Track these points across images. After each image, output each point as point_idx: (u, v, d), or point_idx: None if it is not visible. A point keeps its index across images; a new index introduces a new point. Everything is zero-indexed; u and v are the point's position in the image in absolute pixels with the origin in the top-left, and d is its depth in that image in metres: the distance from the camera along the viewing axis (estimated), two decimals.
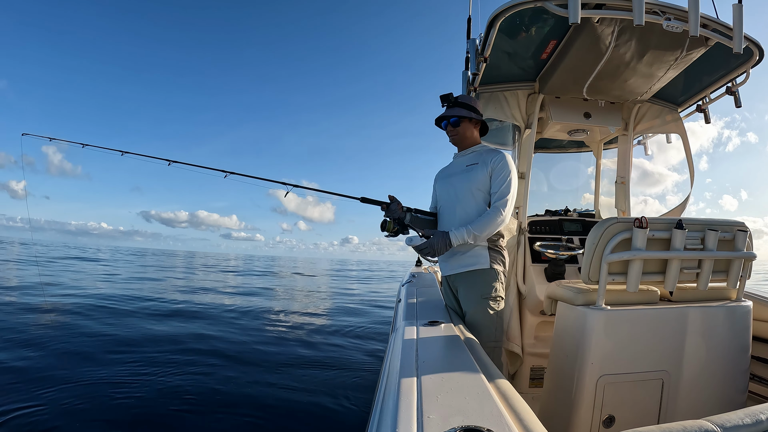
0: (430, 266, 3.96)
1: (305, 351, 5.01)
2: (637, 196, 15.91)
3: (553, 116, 2.84)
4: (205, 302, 8.85)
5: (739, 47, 1.90)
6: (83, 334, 5.24)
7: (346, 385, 3.84)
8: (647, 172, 3.57)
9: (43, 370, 3.81)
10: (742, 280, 1.83)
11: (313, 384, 3.84)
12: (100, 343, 4.84)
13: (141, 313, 7.04)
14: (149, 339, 5.19)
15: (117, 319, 6.31)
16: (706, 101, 2.82)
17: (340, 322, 7.13)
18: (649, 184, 41.07)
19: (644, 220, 1.60)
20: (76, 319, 6.18)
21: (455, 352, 1.25)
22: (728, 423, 0.81)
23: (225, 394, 3.47)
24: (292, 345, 5.31)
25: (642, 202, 2.97)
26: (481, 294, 1.88)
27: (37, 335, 5.04)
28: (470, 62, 2.38)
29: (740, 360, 1.78)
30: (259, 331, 6.15)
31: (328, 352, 5.04)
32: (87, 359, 4.24)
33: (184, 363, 4.27)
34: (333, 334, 6.09)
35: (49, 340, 4.82)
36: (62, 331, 5.32)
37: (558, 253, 2.61)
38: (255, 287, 13.46)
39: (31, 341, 4.75)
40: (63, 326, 5.65)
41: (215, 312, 7.58)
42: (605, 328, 1.62)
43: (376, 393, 1.28)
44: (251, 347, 5.07)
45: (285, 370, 4.22)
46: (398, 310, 2.31)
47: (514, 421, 0.78)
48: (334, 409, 3.28)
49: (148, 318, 6.62)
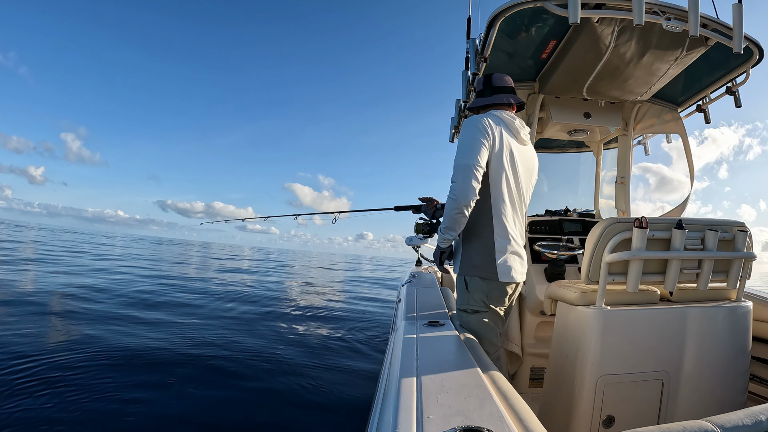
0: (430, 266, 3.96)
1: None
2: (655, 202, 15.66)
3: (553, 116, 2.84)
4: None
5: (739, 47, 1.90)
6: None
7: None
8: (666, 178, 3.53)
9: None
10: (742, 281, 1.83)
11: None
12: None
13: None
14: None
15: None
16: (706, 101, 2.82)
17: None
18: (668, 191, 40.66)
19: (644, 220, 1.60)
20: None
21: (455, 352, 1.25)
22: (728, 423, 0.81)
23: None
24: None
25: (659, 209, 2.97)
26: (456, 304, 1.82)
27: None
28: (470, 62, 2.38)
29: (740, 360, 1.78)
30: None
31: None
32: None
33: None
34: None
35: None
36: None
37: (558, 253, 2.61)
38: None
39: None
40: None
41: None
42: (605, 329, 1.61)
43: (376, 393, 1.28)
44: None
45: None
46: (398, 310, 2.31)
47: (514, 421, 0.78)
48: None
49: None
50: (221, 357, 4.12)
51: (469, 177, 1.55)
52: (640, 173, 3.62)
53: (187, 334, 4.89)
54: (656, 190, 60.85)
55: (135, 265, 13.60)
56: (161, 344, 4.37)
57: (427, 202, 2.06)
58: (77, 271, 10.09)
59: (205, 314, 6.23)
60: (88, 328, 4.82)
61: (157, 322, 5.41)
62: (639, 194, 9.73)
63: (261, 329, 5.53)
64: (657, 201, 24.09)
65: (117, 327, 4.97)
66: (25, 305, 5.65)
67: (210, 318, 6.01)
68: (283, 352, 4.46)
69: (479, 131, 1.62)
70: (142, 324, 5.24)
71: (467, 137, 1.62)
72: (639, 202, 3.44)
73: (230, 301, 7.69)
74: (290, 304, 7.93)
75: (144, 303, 6.70)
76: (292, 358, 4.29)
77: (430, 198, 2.07)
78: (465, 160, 1.57)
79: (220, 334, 5.04)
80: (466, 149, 1.59)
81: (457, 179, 1.57)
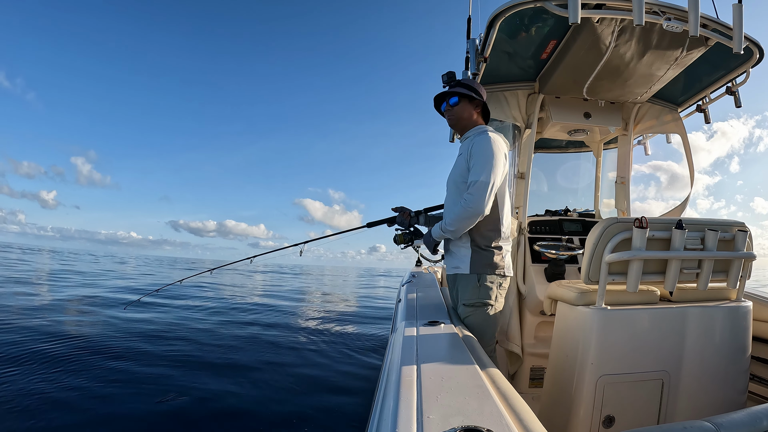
0: (430, 266, 3.96)
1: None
2: (667, 200, 15.49)
3: (553, 116, 2.83)
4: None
5: (739, 47, 1.90)
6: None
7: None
8: (677, 175, 3.52)
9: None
10: (741, 281, 1.83)
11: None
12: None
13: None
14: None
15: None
16: (706, 101, 2.82)
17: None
18: (680, 188, 40.61)
19: (644, 220, 1.60)
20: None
21: (455, 352, 1.25)
22: (728, 423, 0.81)
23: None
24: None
25: (670, 207, 2.98)
26: (462, 299, 1.85)
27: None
28: (470, 62, 2.38)
29: (740, 360, 1.78)
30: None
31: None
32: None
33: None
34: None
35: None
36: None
37: (558, 253, 2.61)
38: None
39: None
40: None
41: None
42: (605, 329, 1.61)
43: (376, 393, 1.28)
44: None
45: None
46: (398, 310, 2.31)
47: (514, 421, 0.78)
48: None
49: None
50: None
51: (488, 195, 1.68)
52: (650, 171, 3.63)
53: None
54: (668, 188, 60.65)
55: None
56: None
57: (400, 212, 2.16)
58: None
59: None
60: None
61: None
62: (651, 193, 9.61)
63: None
64: (669, 199, 24.09)
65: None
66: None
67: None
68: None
69: (503, 154, 1.77)
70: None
71: (492, 156, 1.71)
72: (651, 201, 3.45)
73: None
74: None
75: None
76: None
77: (403, 207, 2.17)
78: (488, 178, 1.68)
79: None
80: (490, 168, 1.70)
81: (478, 195, 1.67)
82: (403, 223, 2.12)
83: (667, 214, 3.00)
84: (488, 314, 1.83)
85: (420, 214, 2.17)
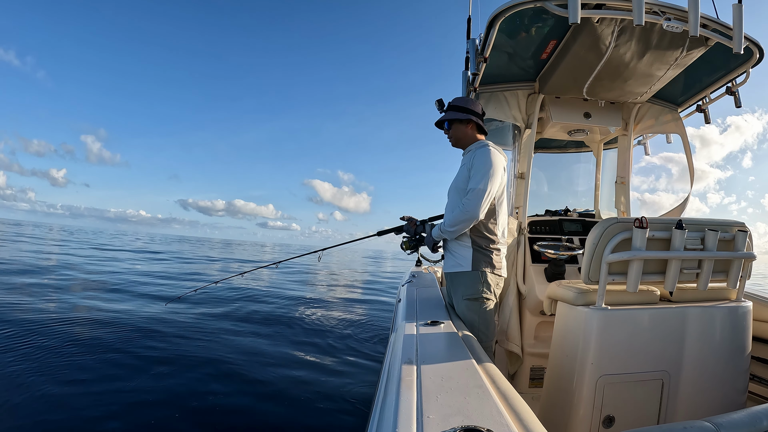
0: (430, 266, 3.96)
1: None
2: (677, 193, 15.33)
3: (553, 116, 2.84)
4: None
5: (739, 47, 1.90)
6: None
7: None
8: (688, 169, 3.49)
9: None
10: (741, 281, 1.83)
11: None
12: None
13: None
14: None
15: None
16: (706, 101, 2.82)
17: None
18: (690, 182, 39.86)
19: (644, 220, 1.60)
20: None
21: (455, 352, 1.25)
22: (728, 423, 0.81)
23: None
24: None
25: (680, 200, 2.97)
26: (463, 295, 1.94)
27: None
28: (470, 62, 2.38)
29: (740, 360, 1.78)
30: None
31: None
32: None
33: None
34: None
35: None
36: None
37: (558, 253, 2.61)
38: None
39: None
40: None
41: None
42: (605, 329, 1.61)
43: (376, 393, 1.28)
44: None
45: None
46: (398, 310, 2.31)
47: (514, 421, 0.78)
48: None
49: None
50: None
51: (484, 202, 1.84)
52: (662, 163, 3.61)
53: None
54: (679, 180, 60.12)
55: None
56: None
57: (408, 221, 2.37)
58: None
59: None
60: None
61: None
62: (662, 185, 9.52)
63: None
64: (680, 191, 23.91)
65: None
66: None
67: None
68: None
69: (502, 167, 1.93)
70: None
71: (491, 167, 1.86)
72: (661, 192, 3.45)
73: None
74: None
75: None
76: None
77: (410, 217, 2.38)
78: (485, 187, 1.84)
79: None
80: (488, 178, 1.85)
81: (475, 201, 1.83)
82: (410, 232, 2.30)
83: (667, 213, 3.00)
84: (489, 309, 1.94)
85: (425, 222, 2.32)
